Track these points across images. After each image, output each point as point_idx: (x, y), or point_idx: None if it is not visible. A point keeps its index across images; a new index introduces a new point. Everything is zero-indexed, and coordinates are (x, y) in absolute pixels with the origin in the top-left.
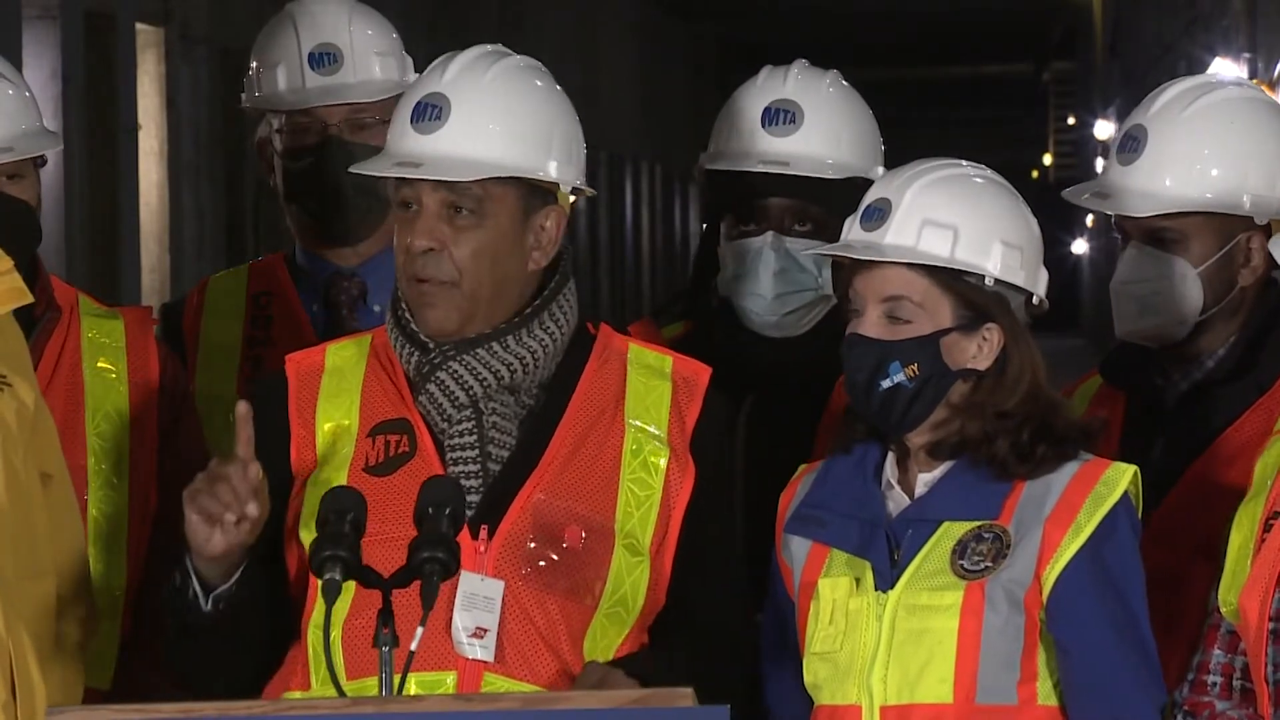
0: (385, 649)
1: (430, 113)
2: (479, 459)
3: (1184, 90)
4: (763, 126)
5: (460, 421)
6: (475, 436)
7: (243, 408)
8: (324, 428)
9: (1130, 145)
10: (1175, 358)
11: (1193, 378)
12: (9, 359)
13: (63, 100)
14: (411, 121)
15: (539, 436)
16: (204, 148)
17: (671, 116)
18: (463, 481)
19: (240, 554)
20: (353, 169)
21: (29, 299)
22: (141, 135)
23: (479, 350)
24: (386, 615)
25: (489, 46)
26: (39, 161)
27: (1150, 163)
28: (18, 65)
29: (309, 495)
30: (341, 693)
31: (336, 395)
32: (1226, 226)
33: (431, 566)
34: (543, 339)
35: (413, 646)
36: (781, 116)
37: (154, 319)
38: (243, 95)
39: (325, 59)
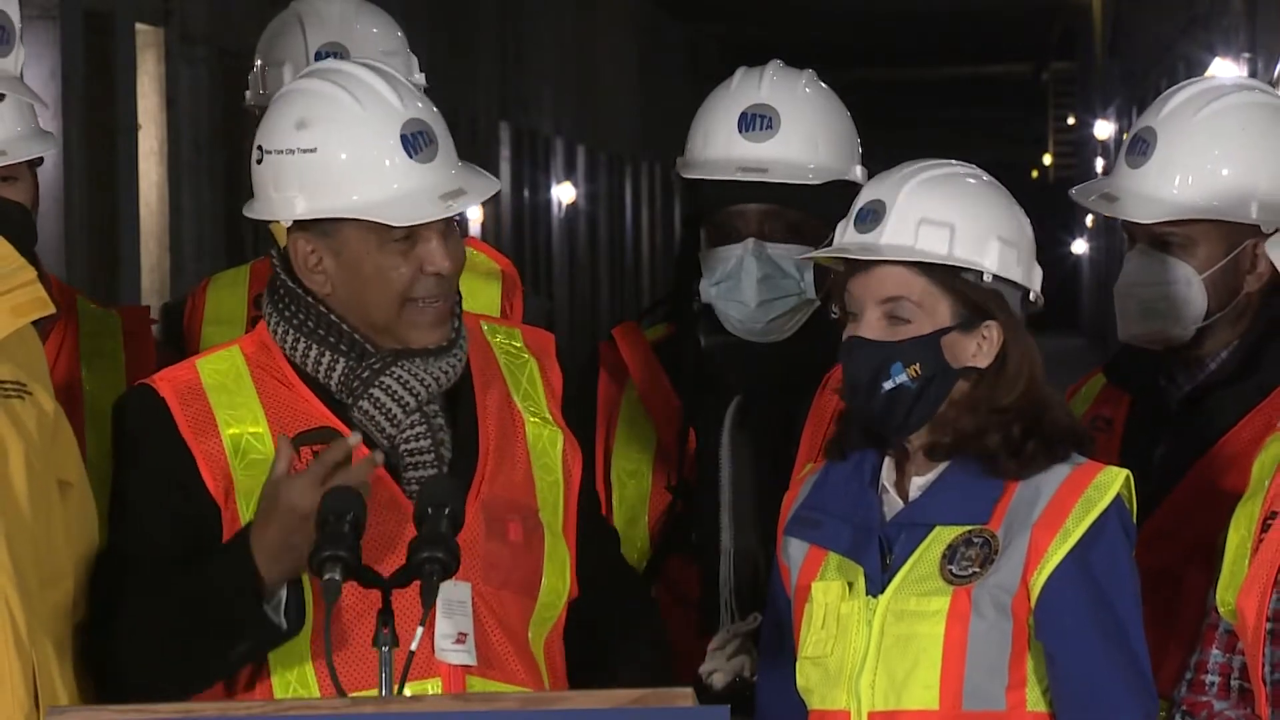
0: (385, 649)
1: (421, 140)
2: (435, 462)
3: (1196, 94)
4: (739, 132)
5: (412, 425)
6: (429, 440)
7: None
8: (230, 440)
9: (1140, 148)
10: (1178, 360)
11: (1195, 380)
12: (30, 368)
13: (62, 100)
14: (409, 154)
15: (468, 432)
16: (204, 148)
17: (671, 116)
18: None
19: None
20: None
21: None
22: (141, 135)
23: (416, 357)
24: (386, 615)
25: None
26: (35, 162)
27: (1159, 166)
28: None
29: (242, 508)
30: (342, 693)
31: (234, 407)
32: (1233, 233)
33: (431, 566)
34: (460, 331)
35: (412, 647)
36: (758, 122)
37: (152, 319)
38: (246, 94)
39: (332, 58)
